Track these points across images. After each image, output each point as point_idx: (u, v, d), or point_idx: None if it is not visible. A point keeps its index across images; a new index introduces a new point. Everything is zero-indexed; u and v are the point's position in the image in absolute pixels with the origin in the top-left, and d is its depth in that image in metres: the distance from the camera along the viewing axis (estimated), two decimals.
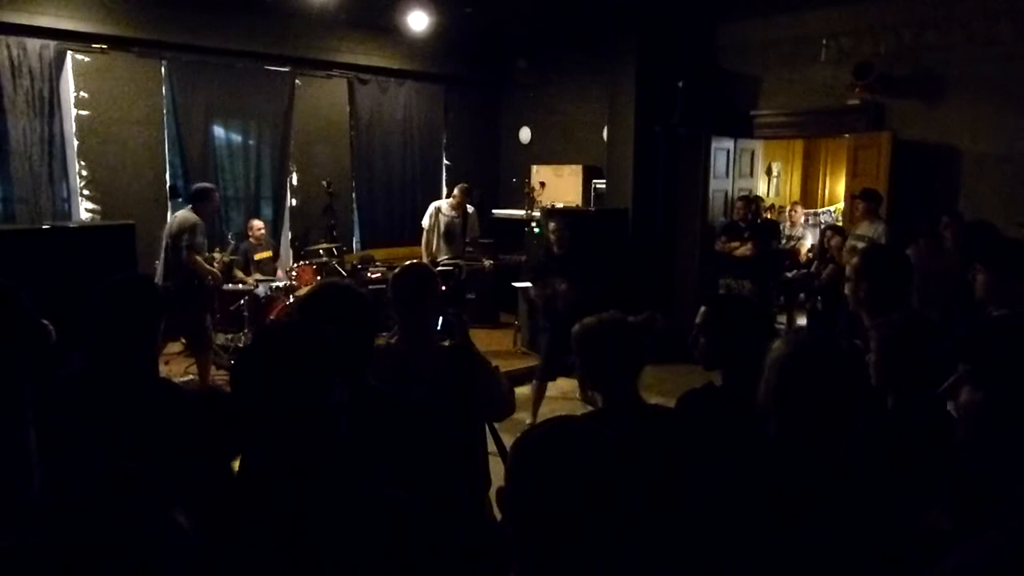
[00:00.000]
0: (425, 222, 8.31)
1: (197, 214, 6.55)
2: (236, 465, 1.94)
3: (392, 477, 1.64)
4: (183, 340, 7.24)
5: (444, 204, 8.35)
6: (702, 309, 2.48)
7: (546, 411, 5.86)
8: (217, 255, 7.32)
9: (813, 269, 8.00)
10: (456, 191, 8.40)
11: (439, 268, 7.95)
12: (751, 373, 2.22)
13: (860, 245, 6.48)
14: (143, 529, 1.13)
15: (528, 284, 6.55)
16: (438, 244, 8.23)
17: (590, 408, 2.58)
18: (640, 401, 2.33)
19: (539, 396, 6.08)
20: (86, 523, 1.11)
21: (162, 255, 6.54)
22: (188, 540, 1.18)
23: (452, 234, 8.19)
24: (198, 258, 6.47)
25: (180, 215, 6.64)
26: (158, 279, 6.54)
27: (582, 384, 2.44)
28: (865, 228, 6.67)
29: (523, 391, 7.16)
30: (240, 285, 7.45)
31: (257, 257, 8.23)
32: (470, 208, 8.34)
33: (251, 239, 8.27)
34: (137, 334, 2.33)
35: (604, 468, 1.28)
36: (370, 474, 1.62)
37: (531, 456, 1.30)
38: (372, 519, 1.50)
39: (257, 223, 8.40)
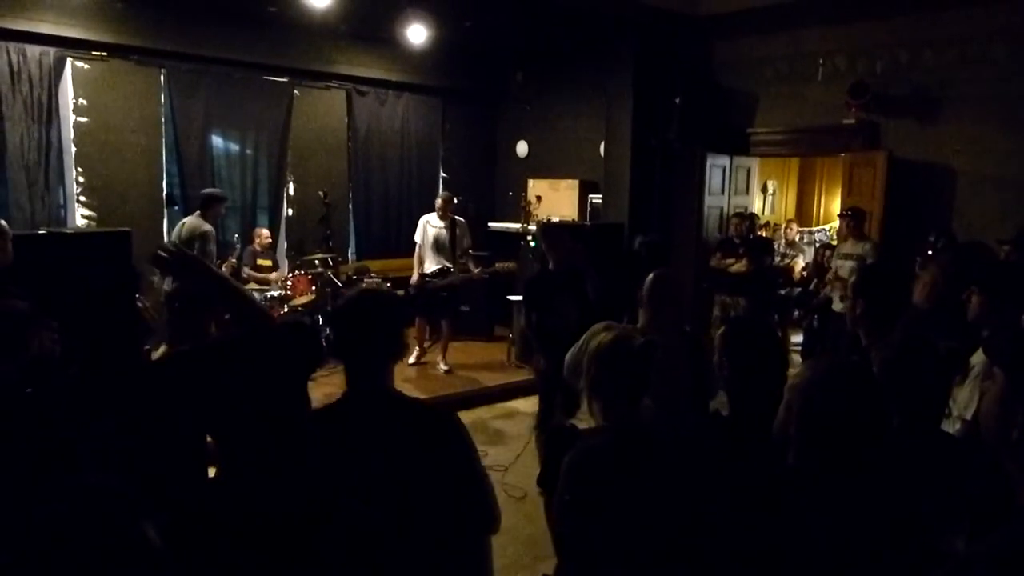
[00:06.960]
0: (417, 237, 8.28)
1: (206, 220, 6.59)
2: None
3: None
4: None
5: (432, 216, 8.33)
6: (719, 331, 2.45)
7: None
8: (229, 262, 7.37)
9: (812, 287, 8.00)
10: (439, 200, 8.34)
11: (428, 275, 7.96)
12: (760, 403, 2.20)
13: (846, 263, 6.50)
14: (112, 546, 1.12)
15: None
16: (428, 256, 8.18)
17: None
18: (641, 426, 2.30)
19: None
20: (54, 541, 1.09)
21: None
22: (158, 556, 1.16)
23: (441, 245, 8.13)
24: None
25: (190, 222, 6.69)
26: (166, 287, 6.52)
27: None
28: (850, 246, 6.67)
29: (515, 405, 7.20)
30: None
31: (259, 263, 8.36)
32: (459, 218, 8.30)
33: (256, 246, 8.44)
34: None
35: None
36: None
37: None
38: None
39: (264, 231, 8.59)
